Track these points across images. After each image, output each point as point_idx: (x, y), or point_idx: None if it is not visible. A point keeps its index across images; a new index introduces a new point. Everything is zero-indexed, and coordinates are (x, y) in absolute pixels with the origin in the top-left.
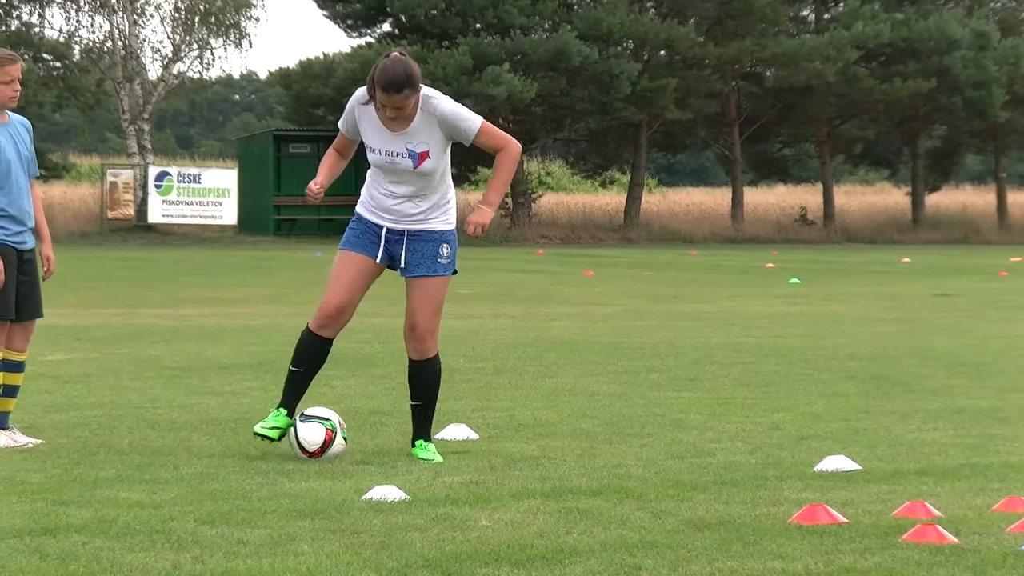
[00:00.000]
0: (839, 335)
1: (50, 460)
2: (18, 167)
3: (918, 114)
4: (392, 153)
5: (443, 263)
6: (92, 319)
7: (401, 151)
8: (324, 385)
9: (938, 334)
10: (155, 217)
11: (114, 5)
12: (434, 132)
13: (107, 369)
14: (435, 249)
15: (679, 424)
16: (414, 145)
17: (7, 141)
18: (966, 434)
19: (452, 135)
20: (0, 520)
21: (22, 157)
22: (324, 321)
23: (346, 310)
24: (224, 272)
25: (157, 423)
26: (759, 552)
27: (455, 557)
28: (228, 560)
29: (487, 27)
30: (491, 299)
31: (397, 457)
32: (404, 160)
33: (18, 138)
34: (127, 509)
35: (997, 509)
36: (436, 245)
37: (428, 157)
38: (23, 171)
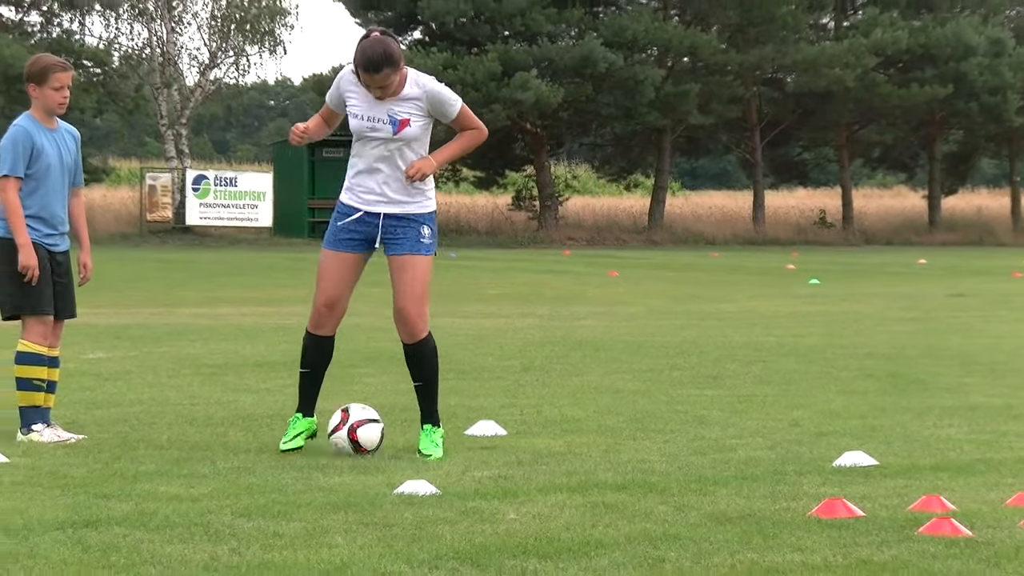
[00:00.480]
0: (857, 334)
1: (92, 455)
2: (58, 173)
3: (935, 119)
4: (374, 119)
5: (426, 243)
6: (131, 318)
7: (383, 117)
8: (357, 382)
9: (953, 334)
10: (192, 219)
11: (152, 13)
12: (419, 105)
13: (146, 367)
14: (417, 229)
15: (701, 421)
16: (396, 113)
17: (52, 146)
18: (980, 430)
19: (435, 111)
20: (44, 513)
21: (64, 164)
22: (319, 320)
23: (336, 305)
24: (259, 273)
25: (195, 419)
26: (779, 545)
27: (484, 549)
28: (264, 552)
29: (515, 34)
30: (519, 299)
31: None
32: (384, 126)
33: (63, 145)
34: (166, 502)
35: (1010, 503)
36: (417, 226)
37: (408, 125)
38: (63, 177)
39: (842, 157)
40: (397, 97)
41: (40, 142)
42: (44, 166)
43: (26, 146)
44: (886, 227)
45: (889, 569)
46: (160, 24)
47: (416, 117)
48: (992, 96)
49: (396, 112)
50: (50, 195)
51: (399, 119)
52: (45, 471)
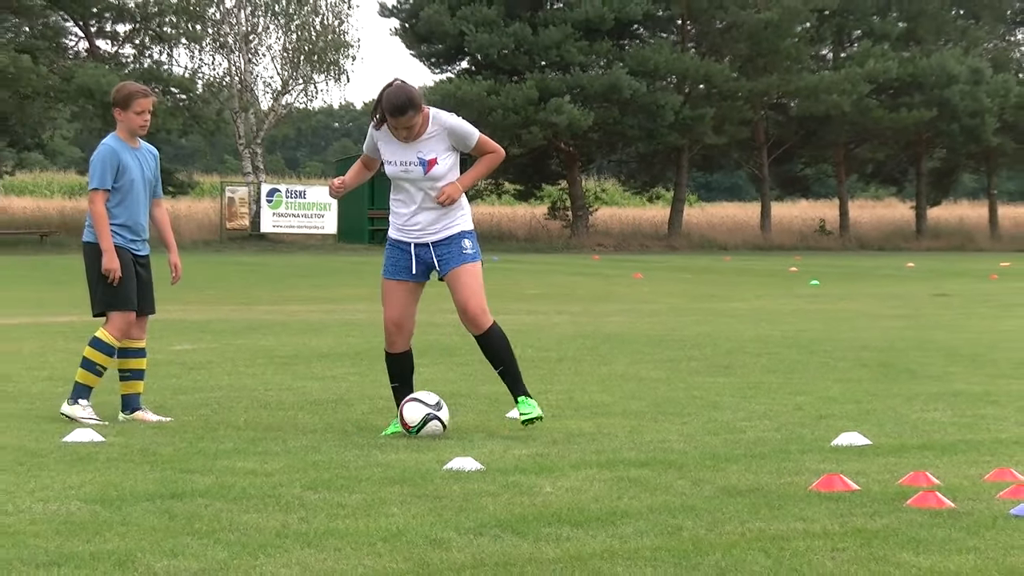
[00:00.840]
0: (853, 329)
1: (178, 435)
2: (140, 186)
3: (921, 139)
4: (406, 163)
5: (469, 253)
6: (213, 314)
7: (413, 160)
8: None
9: (938, 329)
10: (266, 227)
11: (232, 46)
12: (442, 141)
13: (226, 357)
14: (459, 243)
15: (715, 405)
16: (423, 154)
17: (134, 164)
18: (962, 414)
19: (456, 143)
20: (135, 486)
21: (145, 179)
22: (390, 339)
23: (403, 325)
24: (326, 275)
25: (268, 403)
26: (784, 515)
27: (523, 518)
28: (329, 521)
29: (550, 64)
30: (554, 298)
31: (474, 432)
32: (416, 168)
33: (145, 162)
34: (243, 476)
35: (989, 479)
36: (459, 240)
37: (436, 164)
38: (144, 191)
39: (839, 173)
40: (422, 138)
41: (125, 159)
42: (128, 180)
43: (112, 163)
44: (878, 234)
45: (881, 537)
46: (238, 56)
47: (442, 154)
48: (972, 119)
49: (424, 153)
50: (134, 206)
51: (427, 159)
52: (137, 449)
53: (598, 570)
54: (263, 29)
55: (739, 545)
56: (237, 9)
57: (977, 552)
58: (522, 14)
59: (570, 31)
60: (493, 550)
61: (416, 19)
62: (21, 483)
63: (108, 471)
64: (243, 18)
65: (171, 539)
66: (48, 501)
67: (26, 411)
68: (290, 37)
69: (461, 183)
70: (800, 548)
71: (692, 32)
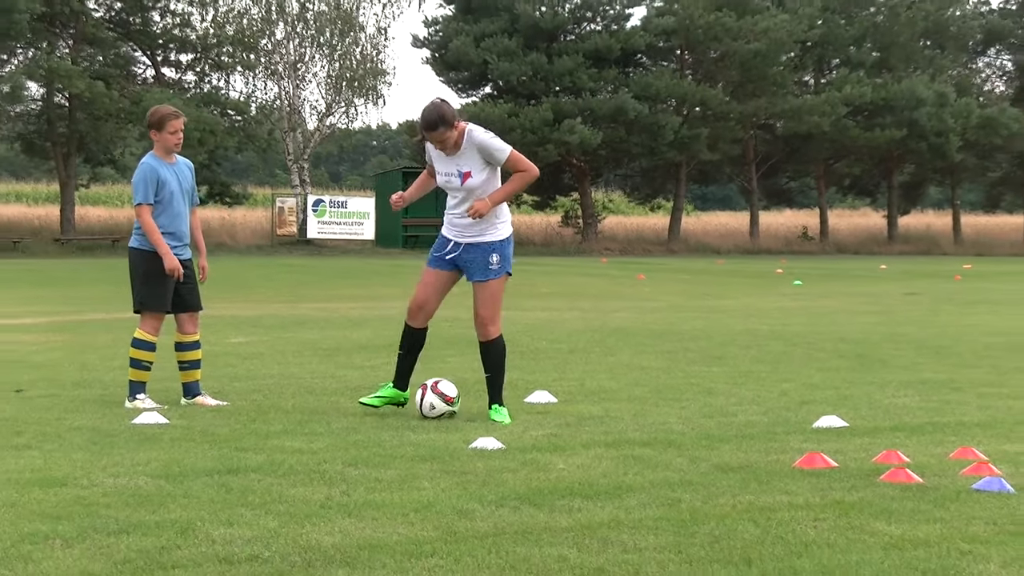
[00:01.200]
0: (832, 324)
1: (233, 417)
2: (179, 197)
3: (893, 156)
4: (447, 174)
5: (494, 269)
6: (265, 311)
7: (452, 172)
8: (440, 362)
9: (907, 324)
10: (312, 234)
11: (282, 73)
12: (474, 156)
13: (276, 349)
14: (486, 257)
15: (709, 392)
16: (460, 167)
17: (172, 177)
18: (929, 399)
19: (488, 159)
20: (195, 463)
21: (183, 190)
22: (410, 315)
23: (424, 307)
24: (364, 276)
25: (313, 390)
26: (771, 489)
27: (539, 491)
28: (368, 493)
29: (564, 89)
30: (567, 296)
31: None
32: (454, 179)
33: (181, 175)
34: (291, 454)
35: (953, 457)
36: (487, 254)
37: (470, 176)
38: (183, 200)
39: (820, 185)
40: (459, 152)
41: (163, 175)
42: (168, 193)
43: (152, 179)
44: (854, 240)
45: (857, 508)
46: (288, 81)
47: (476, 168)
48: (938, 138)
49: (460, 166)
50: (174, 215)
51: (463, 172)
52: (197, 430)
53: (606, 537)
54: (310, 58)
55: (731, 516)
56: (287, 40)
57: (943, 522)
58: (539, 45)
59: (581, 60)
60: (513, 520)
61: (445, 50)
62: (95, 460)
63: (172, 449)
64: (292, 48)
65: (227, 510)
66: (119, 476)
67: (99, 396)
68: (333, 65)
69: (491, 199)
70: (785, 518)
71: (689, 61)
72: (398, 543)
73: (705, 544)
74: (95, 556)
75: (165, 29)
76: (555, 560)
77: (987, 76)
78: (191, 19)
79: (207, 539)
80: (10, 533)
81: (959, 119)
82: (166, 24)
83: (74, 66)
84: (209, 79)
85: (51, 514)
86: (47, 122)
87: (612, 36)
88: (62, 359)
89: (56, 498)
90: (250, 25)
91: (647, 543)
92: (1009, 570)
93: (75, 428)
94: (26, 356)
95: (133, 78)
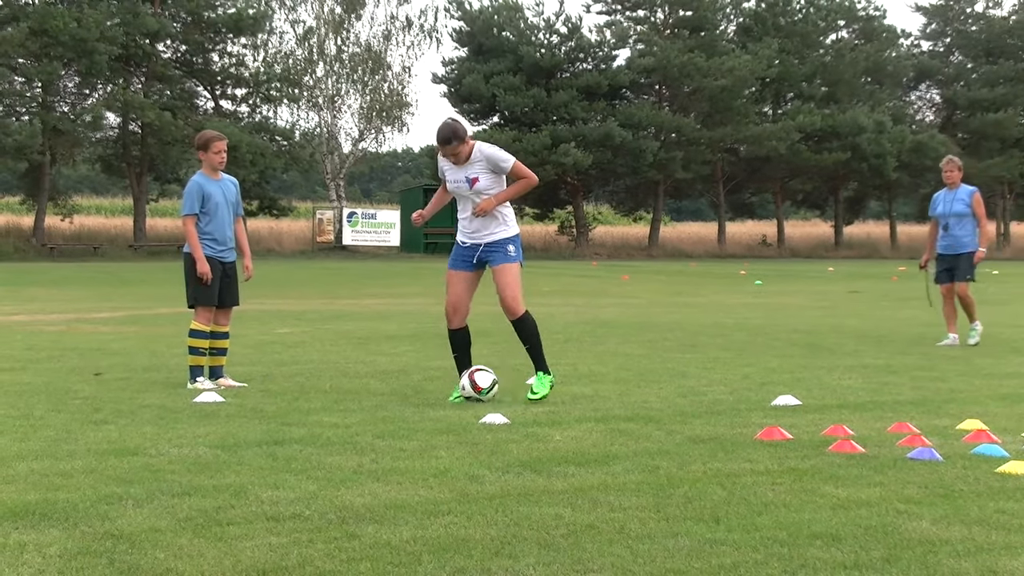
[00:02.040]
0: (787, 317)
1: (279, 397)
2: (223, 208)
3: (838, 175)
4: (457, 180)
5: (511, 254)
6: (306, 306)
7: (461, 179)
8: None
9: (851, 317)
10: (347, 241)
11: (321, 104)
12: (484, 166)
13: (316, 338)
14: (505, 247)
15: (683, 375)
16: (469, 174)
17: (217, 191)
18: (870, 381)
19: (495, 168)
20: (247, 435)
21: (228, 201)
22: (449, 318)
23: (459, 306)
24: (391, 276)
25: (347, 373)
26: (735, 457)
27: (539, 459)
28: (393, 461)
29: (560, 119)
30: (562, 294)
31: (502, 395)
32: (463, 184)
33: (226, 189)
34: (328, 428)
35: (890, 430)
36: (504, 245)
37: (477, 182)
38: (228, 211)
39: (777, 200)
40: (469, 163)
41: (208, 189)
42: (213, 204)
43: (197, 194)
44: (806, 246)
45: (809, 474)
46: (326, 112)
47: (483, 175)
48: (877, 160)
49: (469, 174)
50: (219, 223)
51: (471, 178)
52: (248, 407)
53: (595, 499)
54: (345, 92)
55: (702, 480)
56: (325, 77)
57: (882, 486)
58: (539, 81)
59: (575, 94)
60: (516, 483)
61: (460, 85)
62: (161, 433)
63: (227, 424)
64: (330, 84)
65: (274, 475)
66: (182, 447)
67: (166, 379)
68: (365, 98)
69: (495, 198)
70: (748, 482)
71: (666, 95)
72: (419, 503)
73: (680, 504)
74: (161, 515)
75: (223, 68)
76: (552, 518)
77: (919, 107)
78: (245, 60)
79: (256, 500)
80: (90, 495)
81: (895, 144)
82: (224, 64)
83: (146, 99)
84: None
85: (124, 479)
86: (123, 146)
87: (601, 74)
88: (134, 347)
89: (128, 465)
90: (295, 64)
91: (630, 503)
92: (939, 526)
93: (145, 406)
94: (104, 344)
95: (196, 109)
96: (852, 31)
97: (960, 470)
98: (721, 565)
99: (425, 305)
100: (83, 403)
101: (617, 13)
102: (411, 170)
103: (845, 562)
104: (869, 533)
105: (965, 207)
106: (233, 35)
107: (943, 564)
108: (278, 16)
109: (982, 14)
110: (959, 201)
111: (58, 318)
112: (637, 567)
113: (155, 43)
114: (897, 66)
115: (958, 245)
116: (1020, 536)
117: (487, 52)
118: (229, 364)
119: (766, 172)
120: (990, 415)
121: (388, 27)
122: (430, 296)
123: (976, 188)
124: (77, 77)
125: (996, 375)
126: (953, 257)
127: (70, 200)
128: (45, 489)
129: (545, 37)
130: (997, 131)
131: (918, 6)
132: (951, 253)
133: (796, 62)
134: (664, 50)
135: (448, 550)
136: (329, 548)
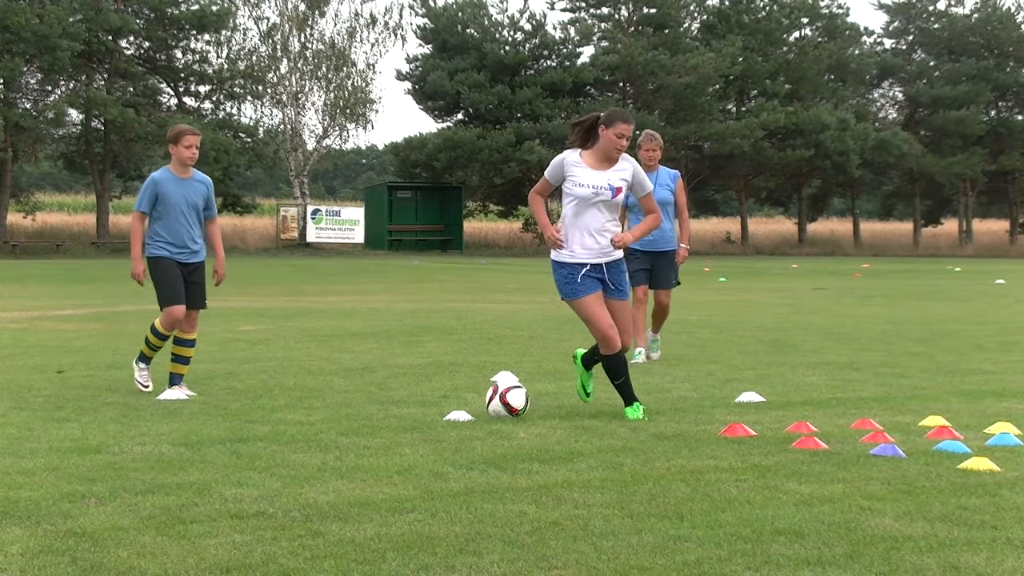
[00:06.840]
0: (751, 314)
1: (242, 394)
2: (180, 210)
3: (802, 172)
4: (598, 186)
5: (625, 289)
6: (271, 303)
7: (604, 185)
8: (417, 346)
9: (815, 314)
10: (311, 238)
11: (285, 101)
12: (626, 177)
13: (279, 335)
14: (624, 274)
15: (647, 371)
16: (615, 181)
17: (176, 192)
18: (833, 378)
19: (635, 186)
20: (211, 432)
21: (190, 203)
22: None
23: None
24: (355, 273)
25: (311, 370)
26: (700, 454)
27: (503, 457)
28: (357, 459)
29: (524, 116)
30: (527, 291)
31: (466, 392)
32: (605, 192)
33: (192, 190)
34: (292, 426)
35: (853, 427)
36: (622, 273)
37: (621, 192)
38: (187, 213)
39: (741, 197)
40: (615, 167)
41: (165, 189)
42: (168, 205)
43: (151, 192)
44: (770, 243)
45: (772, 470)
46: (290, 109)
47: (624, 187)
48: (840, 157)
49: (614, 182)
50: (172, 224)
51: (616, 186)
52: (212, 405)
53: (560, 496)
54: (309, 89)
55: (666, 477)
56: (289, 74)
57: (845, 482)
58: (503, 79)
59: (539, 91)
60: (480, 481)
61: (424, 82)
62: (124, 431)
63: (190, 422)
64: (294, 81)
65: (238, 473)
66: (145, 444)
67: (129, 376)
68: (329, 95)
69: (633, 234)
70: (712, 479)
71: (631, 92)
72: (383, 501)
73: (644, 501)
74: (124, 512)
75: (186, 65)
76: (516, 515)
77: (881, 105)
78: (208, 56)
79: (220, 498)
80: (52, 493)
81: (858, 141)
82: (187, 60)
83: (108, 96)
84: (223, 107)
85: (87, 476)
86: (86, 143)
87: (565, 71)
88: (97, 344)
89: (91, 463)
90: (258, 61)
91: (595, 500)
92: (901, 522)
93: (108, 403)
94: (67, 342)
95: (159, 106)
96: (815, 29)
97: (923, 466)
98: (685, 562)
99: (391, 302)
100: (45, 401)
101: (581, 10)
102: (375, 167)
103: (808, 558)
104: (832, 529)
105: (669, 193)
106: (196, 32)
107: (906, 560)
108: (242, 13)
109: (944, 12)
110: (662, 186)
111: (20, 315)
112: (601, 564)
113: (118, 39)
114: (860, 64)
115: (660, 240)
116: (982, 532)
117: (451, 49)
118: (192, 361)
119: (730, 169)
120: (952, 411)
121: (352, 24)
122: (396, 293)
123: (679, 172)
124: (39, 73)
125: (958, 372)
126: (655, 255)
127: (32, 197)
128: (7, 487)
129: (509, 34)
130: (959, 128)
131: (881, 4)
132: (651, 250)
133: (760, 60)
134: (628, 47)
135: (412, 547)
136: (293, 546)
